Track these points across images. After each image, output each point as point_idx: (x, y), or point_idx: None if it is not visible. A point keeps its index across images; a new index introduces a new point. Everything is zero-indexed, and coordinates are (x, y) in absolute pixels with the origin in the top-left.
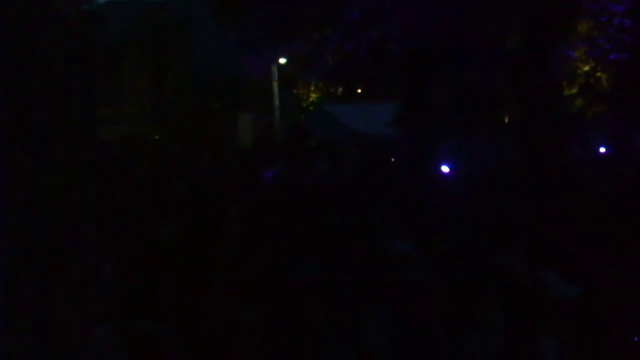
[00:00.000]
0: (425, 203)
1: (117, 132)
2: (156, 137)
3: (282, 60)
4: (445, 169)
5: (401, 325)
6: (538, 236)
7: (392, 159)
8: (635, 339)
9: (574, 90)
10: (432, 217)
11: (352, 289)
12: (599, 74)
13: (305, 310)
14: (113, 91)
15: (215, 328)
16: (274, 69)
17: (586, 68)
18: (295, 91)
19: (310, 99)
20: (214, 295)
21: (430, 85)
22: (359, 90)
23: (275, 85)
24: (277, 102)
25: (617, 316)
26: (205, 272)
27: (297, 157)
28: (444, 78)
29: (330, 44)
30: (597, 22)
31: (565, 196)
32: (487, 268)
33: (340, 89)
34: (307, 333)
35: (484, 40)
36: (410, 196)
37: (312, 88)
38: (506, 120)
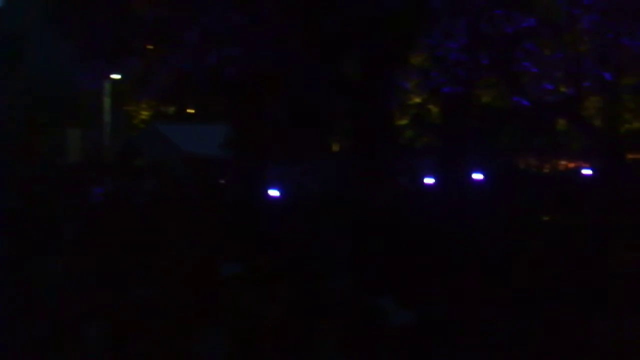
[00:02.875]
0: (254, 225)
1: None
2: None
3: (116, 76)
4: (274, 192)
5: (232, 344)
6: (370, 262)
7: (222, 181)
8: None
9: (405, 121)
10: (260, 240)
11: (184, 308)
12: (430, 106)
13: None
14: None
15: None
16: (107, 85)
17: (418, 100)
18: (125, 108)
19: (141, 117)
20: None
21: (263, 110)
22: (192, 111)
23: (106, 101)
24: (107, 118)
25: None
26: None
27: (126, 175)
28: (277, 103)
29: (166, 64)
30: (431, 55)
31: (394, 223)
32: (317, 291)
33: (172, 109)
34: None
35: (318, 68)
36: (239, 218)
37: (144, 106)
38: (336, 148)
